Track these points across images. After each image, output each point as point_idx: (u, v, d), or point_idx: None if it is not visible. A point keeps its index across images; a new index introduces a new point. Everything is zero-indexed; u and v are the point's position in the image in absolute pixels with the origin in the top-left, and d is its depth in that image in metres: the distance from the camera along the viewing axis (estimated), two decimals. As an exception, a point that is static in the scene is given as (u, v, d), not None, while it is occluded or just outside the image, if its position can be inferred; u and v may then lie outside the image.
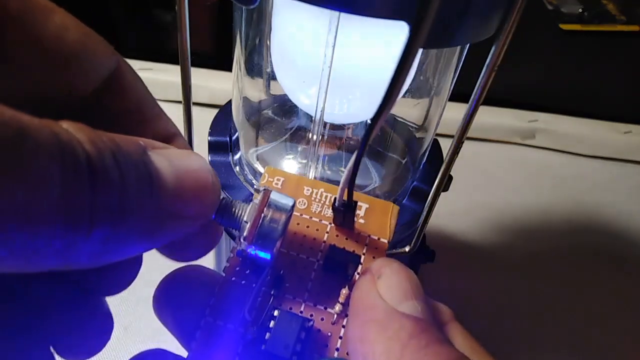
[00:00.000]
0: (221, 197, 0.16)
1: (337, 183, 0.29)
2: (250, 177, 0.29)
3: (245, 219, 0.16)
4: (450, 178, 0.25)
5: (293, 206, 0.17)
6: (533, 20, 0.65)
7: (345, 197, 0.17)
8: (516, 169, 0.50)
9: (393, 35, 0.22)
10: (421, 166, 0.30)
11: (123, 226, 0.12)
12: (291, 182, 0.20)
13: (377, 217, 0.19)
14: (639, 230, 0.47)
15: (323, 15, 0.21)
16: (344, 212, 0.18)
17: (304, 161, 0.29)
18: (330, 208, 0.19)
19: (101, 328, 0.17)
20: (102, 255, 0.12)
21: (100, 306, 0.18)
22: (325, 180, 0.29)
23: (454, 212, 0.45)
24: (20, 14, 0.14)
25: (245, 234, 0.16)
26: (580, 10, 0.67)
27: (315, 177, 0.28)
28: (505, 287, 0.41)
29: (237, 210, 0.16)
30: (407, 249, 0.26)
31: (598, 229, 0.47)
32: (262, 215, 0.16)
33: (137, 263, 0.18)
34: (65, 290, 0.17)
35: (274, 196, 0.16)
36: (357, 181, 0.29)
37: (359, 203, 0.19)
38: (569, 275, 0.43)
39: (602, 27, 0.66)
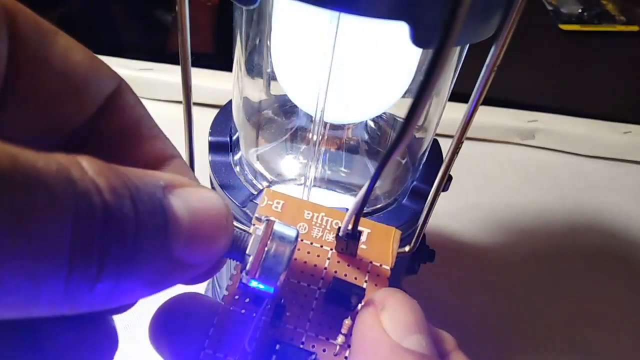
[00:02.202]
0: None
1: (337, 183, 0.29)
2: (250, 177, 0.29)
3: (248, 251, 0.15)
4: (450, 178, 0.25)
5: (297, 237, 0.16)
6: (533, 20, 0.65)
7: (350, 226, 0.17)
8: (516, 169, 0.51)
9: (393, 35, 0.22)
10: (421, 166, 0.30)
11: (130, 280, 0.11)
12: (291, 205, 0.19)
13: (379, 242, 0.19)
14: (639, 230, 0.47)
15: (323, 16, 0.21)
16: (348, 241, 0.18)
17: (304, 161, 0.29)
18: (332, 233, 0.19)
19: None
20: (103, 304, 0.11)
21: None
22: (325, 181, 0.29)
23: (453, 212, 0.45)
24: (29, 33, 0.14)
25: (248, 267, 0.15)
26: (579, 10, 0.67)
27: (315, 177, 0.28)
28: (505, 287, 0.41)
29: (239, 242, 0.16)
30: (407, 248, 0.26)
31: (598, 229, 0.47)
32: (266, 248, 0.15)
33: (112, 349, 0.17)
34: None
35: (278, 227, 0.16)
36: (357, 181, 0.29)
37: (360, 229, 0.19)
38: (569, 275, 0.43)
39: (602, 28, 0.66)
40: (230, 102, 0.31)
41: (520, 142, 0.52)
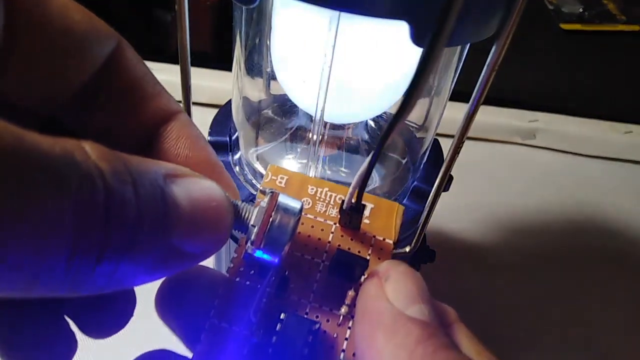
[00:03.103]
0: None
1: (337, 183, 0.29)
2: (250, 177, 0.29)
3: (252, 222, 0.16)
4: (451, 178, 0.25)
5: (301, 209, 0.16)
6: (533, 20, 0.64)
7: (354, 199, 0.17)
8: (516, 169, 0.50)
9: (393, 35, 0.22)
10: (421, 166, 0.30)
11: (129, 264, 0.11)
12: (295, 181, 0.20)
13: (382, 217, 0.19)
14: (639, 230, 0.47)
15: (323, 15, 0.21)
16: (352, 214, 0.18)
17: (304, 161, 0.29)
18: (335, 208, 0.19)
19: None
20: (102, 288, 0.11)
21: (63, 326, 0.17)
22: (326, 181, 0.29)
23: (454, 212, 0.45)
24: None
25: (253, 238, 0.15)
26: (580, 10, 0.67)
27: (315, 177, 0.28)
28: (505, 287, 0.41)
29: (243, 213, 0.16)
30: (407, 249, 0.26)
31: (598, 229, 0.47)
32: (270, 219, 0.16)
33: (130, 308, 0.17)
34: None
35: (282, 199, 0.16)
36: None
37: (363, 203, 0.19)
38: (569, 275, 0.43)
39: (603, 27, 0.66)
40: (229, 101, 0.30)
41: (521, 142, 0.52)
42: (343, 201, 0.18)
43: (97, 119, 0.17)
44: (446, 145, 0.25)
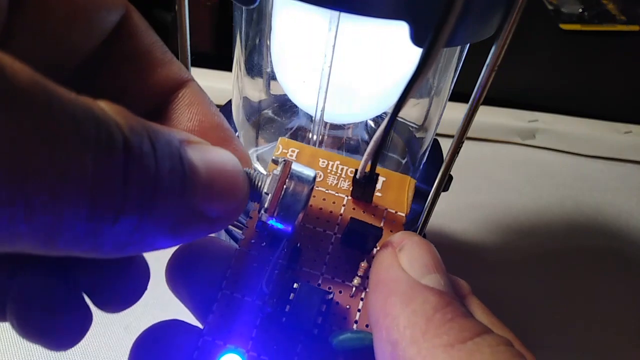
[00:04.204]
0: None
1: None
2: (250, 177, 0.29)
3: (265, 190, 0.15)
4: (451, 178, 0.25)
5: (315, 178, 0.16)
6: (533, 20, 0.64)
7: (367, 170, 0.17)
8: (516, 169, 0.50)
9: (393, 35, 0.22)
10: (421, 166, 0.30)
11: (151, 219, 0.11)
12: (306, 154, 0.20)
13: (394, 190, 0.19)
14: (639, 230, 0.47)
15: (323, 15, 0.21)
16: (365, 185, 0.18)
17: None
18: (347, 181, 0.19)
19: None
20: (125, 246, 0.11)
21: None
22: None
23: (453, 212, 0.45)
24: None
25: (266, 205, 0.15)
26: (580, 10, 0.67)
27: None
28: (505, 287, 0.41)
29: (256, 181, 0.16)
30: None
31: (598, 229, 0.47)
32: (284, 187, 0.15)
33: (144, 281, 0.17)
34: None
35: (296, 167, 0.16)
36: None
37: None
38: (569, 275, 0.43)
39: (602, 27, 0.66)
40: (230, 102, 0.30)
41: (520, 142, 0.52)
42: (356, 172, 0.18)
43: (107, 86, 0.17)
44: (446, 145, 0.25)
